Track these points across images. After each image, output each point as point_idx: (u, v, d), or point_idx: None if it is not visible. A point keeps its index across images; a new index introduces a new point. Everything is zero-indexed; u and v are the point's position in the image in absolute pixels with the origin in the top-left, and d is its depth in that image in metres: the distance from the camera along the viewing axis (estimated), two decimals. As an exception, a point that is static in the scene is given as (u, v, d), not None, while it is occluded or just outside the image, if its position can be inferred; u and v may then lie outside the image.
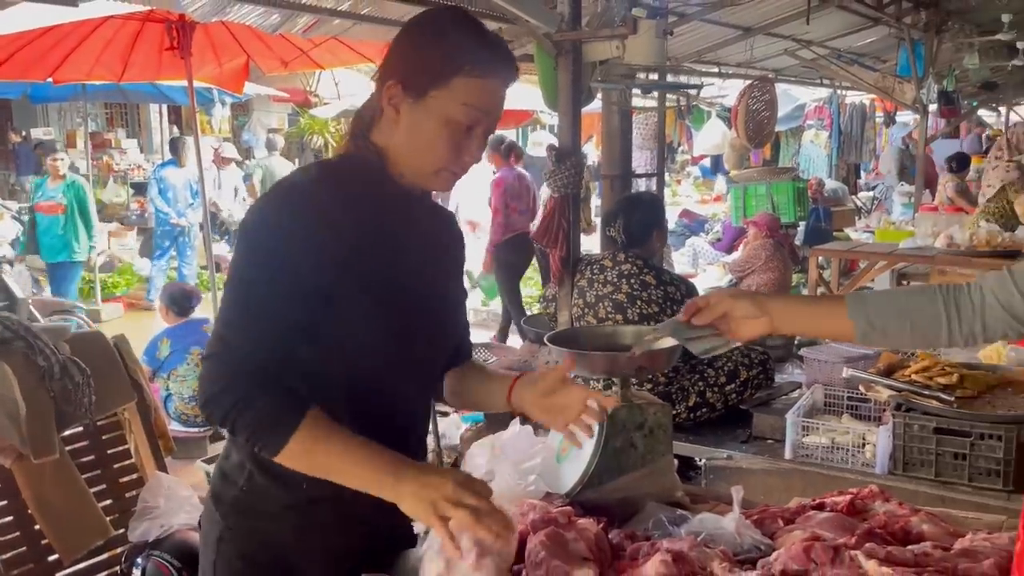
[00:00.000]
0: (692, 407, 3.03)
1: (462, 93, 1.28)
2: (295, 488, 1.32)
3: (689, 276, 8.76)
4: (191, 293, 4.98)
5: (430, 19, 1.38)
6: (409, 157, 1.33)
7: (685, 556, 1.42)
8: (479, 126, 1.31)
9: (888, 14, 7.03)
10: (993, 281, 1.31)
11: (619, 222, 3.07)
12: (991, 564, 1.33)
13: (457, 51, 1.29)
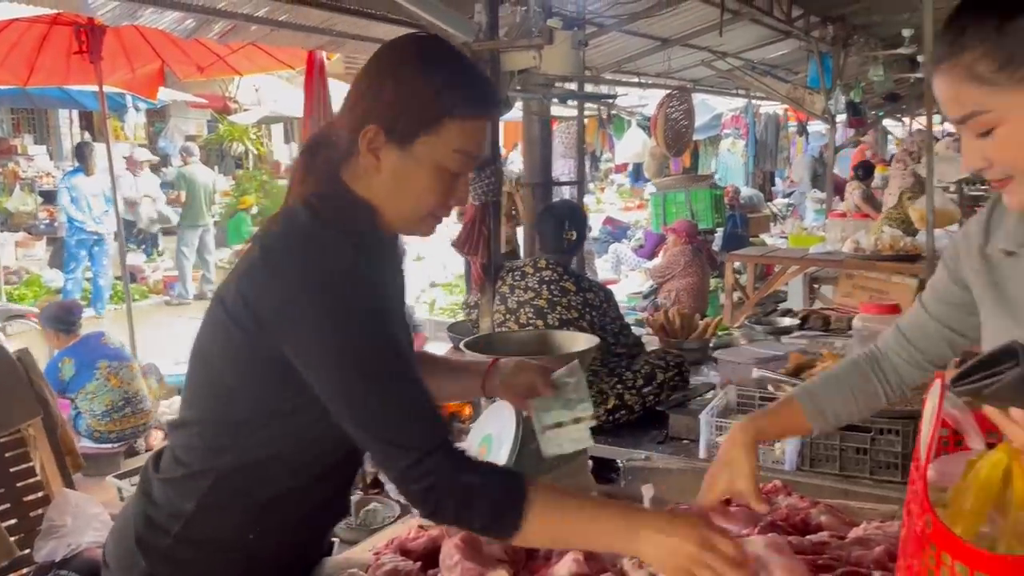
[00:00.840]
0: (611, 410, 3.09)
1: (454, 138, 1.17)
2: (234, 544, 1.27)
3: (611, 282, 8.93)
4: (71, 307, 4.77)
5: (410, 53, 1.22)
6: (393, 205, 1.22)
7: (596, 555, 1.45)
8: (469, 169, 1.23)
9: (797, 28, 7.30)
10: (892, 343, 1.43)
11: (569, 225, 3.13)
12: (881, 551, 1.40)
13: (447, 92, 1.17)
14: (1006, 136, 1.09)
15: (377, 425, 1.15)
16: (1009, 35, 1.06)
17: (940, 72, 1.11)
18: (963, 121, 1.11)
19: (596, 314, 3.07)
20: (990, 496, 1.06)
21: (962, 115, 1.11)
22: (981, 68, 1.07)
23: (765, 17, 6.58)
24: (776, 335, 4.02)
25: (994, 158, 1.11)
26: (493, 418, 1.84)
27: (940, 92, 1.13)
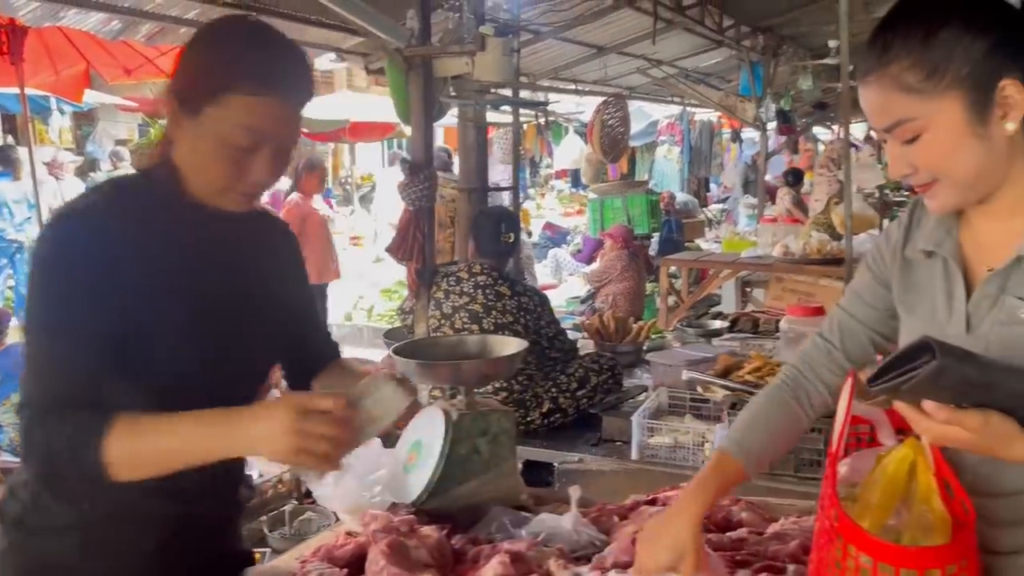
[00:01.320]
0: (546, 413, 3.11)
1: (238, 113, 1.20)
2: (76, 506, 1.28)
3: (551, 287, 8.99)
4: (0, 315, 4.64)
5: (212, 28, 1.30)
6: (193, 175, 1.26)
7: (523, 556, 1.47)
8: (263, 147, 1.23)
9: (728, 37, 7.48)
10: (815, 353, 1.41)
11: (506, 227, 3.14)
12: (796, 545, 1.45)
13: (231, 66, 1.20)
14: (931, 142, 1.13)
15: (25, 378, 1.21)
16: (934, 47, 1.10)
17: (868, 83, 1.16)
18: (890, 129, 1.15)
19: (531, 318, 3.10)
20: (896, 490, 1.11)
21: (889, 123, 1.15)
22: (908, 78, 1.12)
23: (697, 26, 6.73)
24: (707, 337, 4.11)
25: (919, 163, 1.15)
26: (422, 424, 1.85)
27: (868, 102, 1.17)
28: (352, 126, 11.71)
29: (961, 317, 1.20)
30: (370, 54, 4.82)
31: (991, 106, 1.12)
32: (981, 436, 1.05)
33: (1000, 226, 1.20)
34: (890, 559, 0.97)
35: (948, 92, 1.11)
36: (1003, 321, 1.15)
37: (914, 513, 1.05)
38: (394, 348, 1.85)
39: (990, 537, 1.22)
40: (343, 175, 16.22)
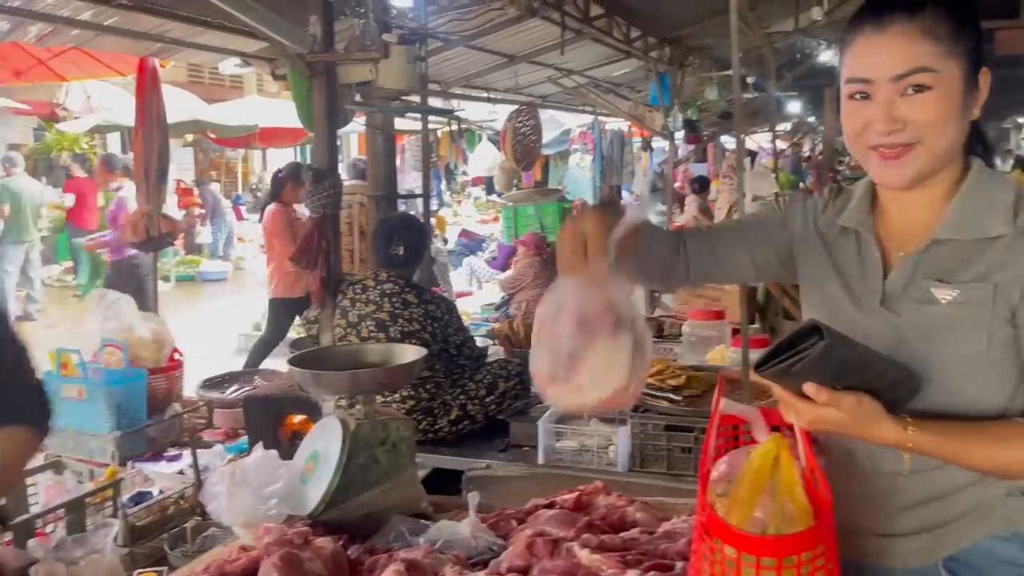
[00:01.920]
0: (454, 420, 3.12)
1: None
2: None
3: (466, 294, 9.00)
4: None
5: None
6: None
7: (419, 564, 1.48)
8: None
9: (636, 48, 7.63)
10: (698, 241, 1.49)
11: (400, 240, 3.12)
12: (685, 542, 1.50)
13: None
14: (934, 99, 1.17)
15: None
16: (957, 12, 1.18)
17: (889, 29, 1.17)
18: (905, 76, 1.17)
19: (438, 326, 3.09)
20: (761, 483, 1.15)
21: (909, 68, 1.16)
22: (940, 29, 1.16)
23: (605, 37, 6.84)
24: (614, 342, 4.18)
25: (916, 119, 1.18)
26: (320, 435, 1.83)
27: (886, 46, 1.18)
28: (262, 131, 11.50)
29: (877, 294, 1.27)
30: (276, 59, 4.73)
31: (975, 89, 1.20)
32: (853, 417, 1.12)
33: (914, 216, 1.27)
34: (751, 549, 1.02)
35: (959, 57, 1.17)
36: (919, 300, 1.22)
37: (777, 504, 1.10)
38: (290, 358, 1.83)
39: (890, 521, 1.29)
40: (254, 181, 15.87)
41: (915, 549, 1.28)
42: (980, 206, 1.22)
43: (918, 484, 1.27)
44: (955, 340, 1.19)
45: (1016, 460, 1.16)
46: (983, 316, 1.18)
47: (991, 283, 1.18)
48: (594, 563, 1.42)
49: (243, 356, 7.19)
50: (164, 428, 3.41)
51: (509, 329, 4.16)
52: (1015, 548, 1.23)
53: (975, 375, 1.20)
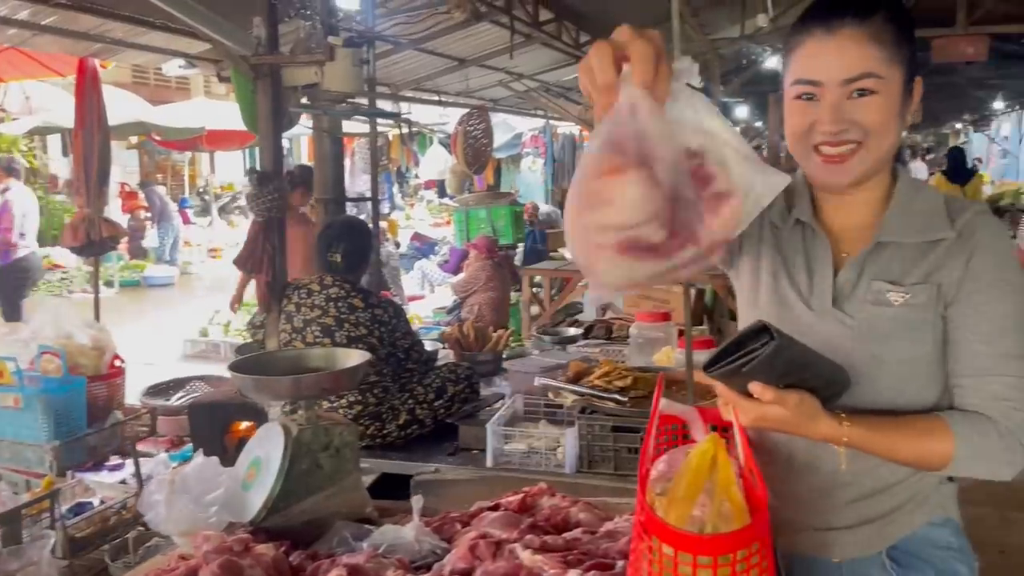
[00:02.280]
0: (403, 425, 3.11)
1: None
2: None
3: (418, 298, 8.98)
4: None
5: None
6: None
7: (361, 568, 1.47)
8: None
9: (584, 53, 7.69)
10: None
11: (339, 247, 3.10)
12: (626, 540, 1.51)
13: None
14: (880, 103, 1.21)
15: None
16: (900, 18, 1.21)
17: (839, 32, 1.20)
18: (855, 80, 1.20)
19: (385, 330, 3.08)
20: (699, 482, 1.18)
21: (858, 73, 1.20)
22: (886, 35, 1.20)
23: (555, 41, 6.89)
24: (563, 344, 4.21)
25: (862, 121, 1.22)
26: (262, 441, 1.81)
27: (836, 48, 1.20)
28: (209, 134, 11.31)
29: (828, 293, 1.31)
30: (221, 61, 4.67)
31: (911, 97, 1.25)
32: (795, 414, 1.16)
33: (854, 218, 1.32)
34: (688, 548, 1.04)
35: (900, 65, 1.22)
36: (872, 302, 1.27)
37: (715, 503, 1.12)
38: (231, 363, 1.81)
39: (833, 516, 1.34)
40: (201, 184, 15.60)
41: (858, 541, 1.32)
42: (920, 210, 1.27)
43: (859, 479, 1.31)
44: (907, 340, 1.24)
45: (938, 452, 1.21)
46: (929, 317, 1.24)
47: (934, 284, 1.24)
48: (536, 564, 1.43)
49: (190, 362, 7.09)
50: (105, 437, 3.33)
51: (459, 333, 4.16)
52: (948, 532, 1.30)
53: (919, 373, 1.26)
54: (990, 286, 1.22)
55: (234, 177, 17.02)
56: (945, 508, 1.33)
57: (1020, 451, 1.19)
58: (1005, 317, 1.22)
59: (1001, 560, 3.87)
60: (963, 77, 12.20)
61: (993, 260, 1.23)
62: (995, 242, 1.24)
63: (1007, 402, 1.20)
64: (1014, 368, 1.21)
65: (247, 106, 3.14)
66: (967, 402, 1.22)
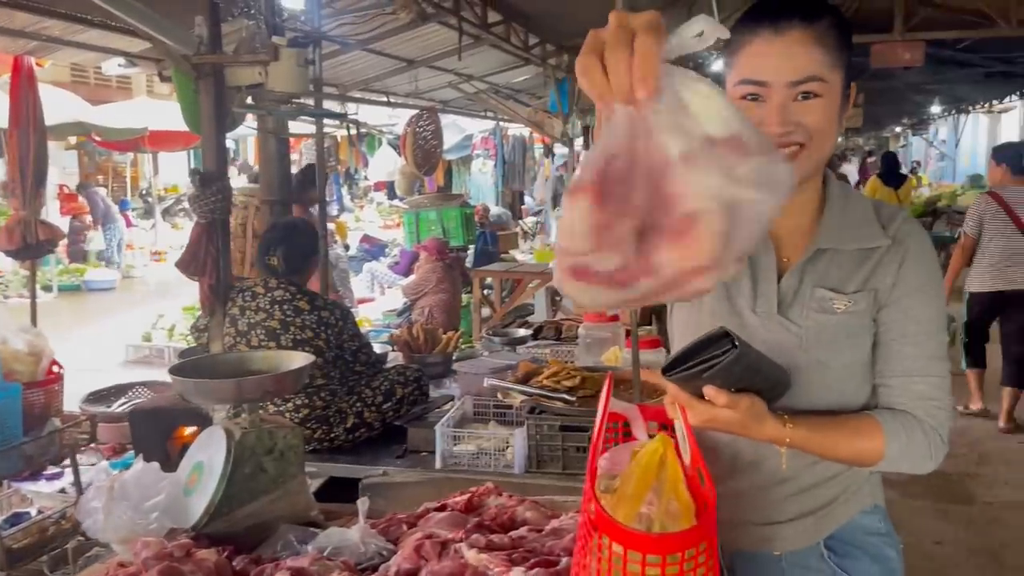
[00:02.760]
0: (350, 428, 3.08)
1: None
2: None
3: (368, 300, 8.91)
4: None
5: None
6: None
7: (306, 572, 1.46)
8: None
9: (534, 55, 7.73)
10: None
11: (278, 249, 3.06)
12: (571, 537, 1.53)
13: None
14: (823, 106, 1.23)
15: None
16: (841, 25, 1.24)
17: (787, 34, 1.21)
18: (801, 83, 1.21)
19: (332, 332, 3.05)
20: (648, 481, 1.20)
21: (804, 76, 1.21)
22: (831, 40, 1.22)
23: (504, 43, 6.91)
24: (512, 346, 4.22)
25: (807, 123, 1.23)
26: (204, 445, 1.78)
27: (782, 50, 1.21)
28: (152, 135, 11.09)
29: (772, 300, 1.33)
30: (163, 60, 4.59)
31: (848, 100, 1.27)
32: (745, 417, 1.18)
33: (791, 222, 1.34)
34: (637, 546, 1.05)
35: (841, 70, 1.24)
36: (816, 309, 1.30)
37: (663, 502, 1.14)
38: (172, 367, 1.78)
39: (775, 510, 1.37)
40: (144, 186, 15.27)
41: (797, 534, 1.36)
42: (854, 217, 1.30)
43: (798, 475, 1.35)
44: (850, 346, 1.28)
45: (871, 450, 1.25)
46: (867, 322, 1.28)
47: (871, 291, 1.28)
48: (481, 562, 1.43)
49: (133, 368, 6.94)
50: (42, 445, 3.25)
51: (409, 335, 4.14)
52: (877, 519, 1.35)
53: (856, 375, 1.30)
54: (918, 291, 1.28)
55: (178, 179, 16.69)
56: (874, 496, 1.39)
57: (941, 447, 1.26)
58: (930, 321, 1.28)
59: (938, 550, 3.99)
60: (902, 82, 12.58)
61: (921, 267, 1.28)
62: (923, 249, 1.30)
63: (931, 401, 1.26)
64: (937, 369, 1.27)
65: (189, 106, 3.09)
66: (894, 401, 1.27)
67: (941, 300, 1.30)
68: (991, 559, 3.89)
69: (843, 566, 1.34)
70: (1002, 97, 15.67)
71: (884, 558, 1.35)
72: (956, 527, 4.18)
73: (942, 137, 23.38)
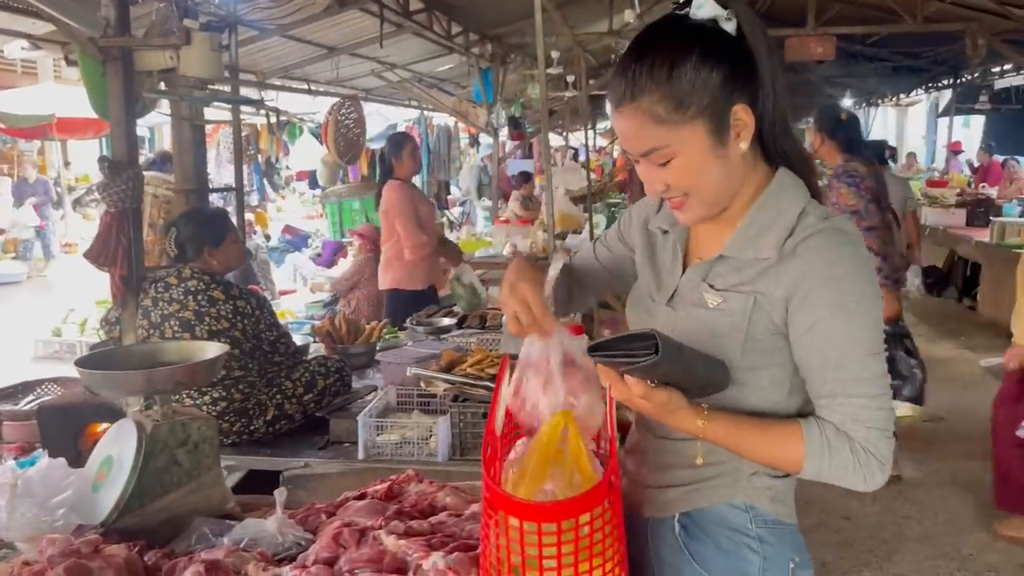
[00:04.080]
0: (270, 420, 3.03)
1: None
2: None
3: (290, 292, 8.75)
4: None
5: None
6: None
7: (220, 564, 1.44)
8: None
9: (458, 44, 7.70)
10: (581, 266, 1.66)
11: (171, 235, 2.97)
12: (489, 522, 1.54)
13: None
14: (681, 165, 1.26)
15: None
16: (679, 81, 1.22)
17: (622, 112, 1.26)
18: (645, 155, 1.27)
19: (249, 322, 2.99)
20: (549, 456, 1.21)
21: (645, 150, 1.26)
22: (659, 110, 1.23)
23: (426, 32, 6.86)
24: (436, 335, 4.21)
25: (672, 183, 1.28)
26: (113, 439, 1.74)
27: (622, 130, 1.27)
28: (60, 122, 10.63)
29: (669, 292, 1.39)
30: (69, 42, 4.40)
31: (728, 129, 1.26)
32: (662, 407, 1.22)
33: (715, 226, 1.37)
34: (531, 516, 1.07)
35: (693, 121, 1.23)
36: (694, 303, 1.33)
37: (566, 475, 1.16)
38: (78, 359, 1.72)
39: (649, 475, 1.40)
40: (52, 175, 14.64)
41: (660, 502, 1.39)
42: (762, 227, 1.31)
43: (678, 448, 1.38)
44: (716, 343, 1.28)
45: (789, 460, 1.26)
46: (741, 324, 1.28)
47: (751, 295, 1.28)
48: (400, 549, 1.44)
49: (42, 364, 6.66)
50: (-59, 445, 3.10)
51: (331, 326, 4.09)
52: (747, 519, 1.34)
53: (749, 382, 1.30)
54: (831, 313, 1.23)
55: (90, 168, 16.05)
56: (751, 497, 1.35)
57: (877, 466, 1.23)
58: (851, 341, 1.23)
59: (847, 524, 4.17)
60: (815, 75, 13.01)
61: (832, 287, 1.23)
62: (828, 267, 1.24)
63: (861, 423, 1.23)
64: (866, 390, 1.23)
65: (96, 91, 2.97)
66: (826, 417, 1.26)
67: (867, 319, 1.24)
68: (894, 532, 4.08)
69: (688, 546, 1.35)
70: (909, 91, 16.35)
71: (736, 556, 1.33)
72: (863, 503, 4.37)
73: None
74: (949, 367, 6.85)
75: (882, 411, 1.23)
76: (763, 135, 1.32)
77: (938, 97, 16.16)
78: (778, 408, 1.32)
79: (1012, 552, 3.86)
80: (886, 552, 3.87)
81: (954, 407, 5.78)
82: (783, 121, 1.34)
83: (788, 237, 1.28)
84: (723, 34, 1.25)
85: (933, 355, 6.36)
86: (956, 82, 12.90)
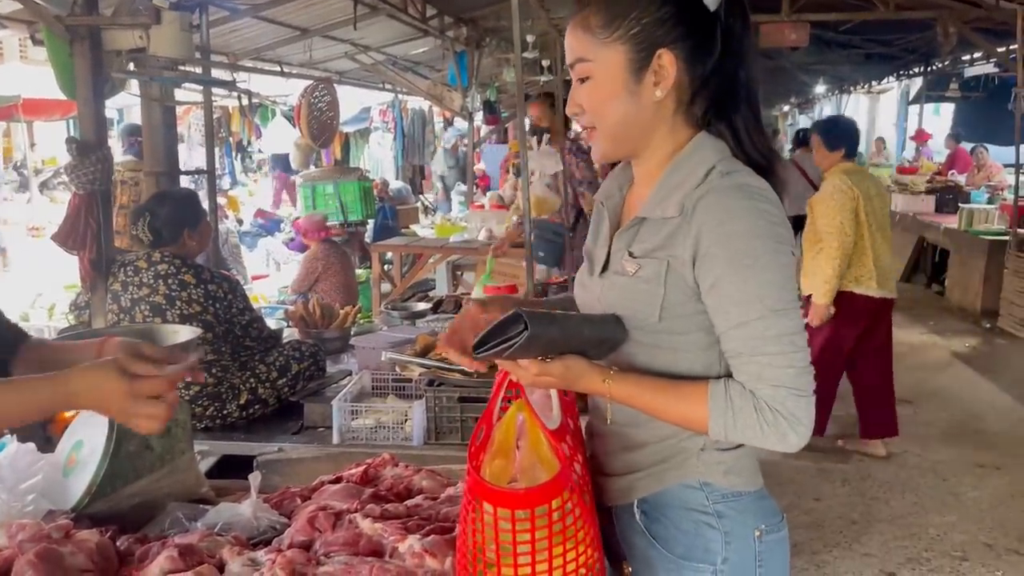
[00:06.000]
0: (244, 405, 3.01)
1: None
2: None
3: (262, 277, 8.67)
4: None
5: None
6: None
7: (194, 548, 1.42)
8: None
9: (432, 27, 7.64)
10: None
11: (144, 220, 2.92)
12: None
13: None
14: (595, 86, 1.28)
15: None
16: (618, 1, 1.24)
17: (569, 26, 1.29)
18: (572, 65, 1.29)
19: (221, 306, 2.96)
20: (511, 444, 1.23)
21: (572, 59, 1.29)
22: (592, 21, 1.26)
23: (401, 14, 6.79)
24: (411, 320, 4.20)
25: (583, 104, 1.30)
26: (85, 423, 1.71)
27: (567, 39, 1.30)
28: (26, 103, 10.39)
29: (601, 263, 1.39)
30: (35, 21, 4.31)
31: (647, 69, 1.26)
32: (563, 378, 1.23)
33: (639, 191, 1.38)
34: (504, 503, 1.07)
35: (615, 44, 1.25)
36: (617, 271, 1.33)
37: (527, 462, 1.17)
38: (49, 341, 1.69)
39: (607, 463, 1.41)
40: (18, 158, 14.36)
41: (619, 489, 1.40)
42: (671, 186, 1.29)
43: (625, 432, 1.38)
44: (635, 310, 1.28)
45: (695, 418, 1.24)
46: (657, 290, 1.26)
47: (664, 260, 1.26)
48: (376, 532, 1.43)
49: (9, 349, 6.52)
50: (-94, 431, 3.04)
51: (304, 310, 4.06)
52: (702, 496, 1.33)
53: (657, 342, 1.29)
54: (729, 270, 1.20)
55: (57, 151, 15.77)
56: (703, 474, 1.33)
57: (787, 426, 1.19)
58: (751, 298, 1.20)
59: (817, 505, 4.23)
60: (789, 62, 13.07)
61: (728, 244, 1.20)
62: (722, 223, 1.21)
63: (765, 380, 1.20)
64: (771, 348, 1.20)
65: (63, 71, 2.91)
66: (736, 377, 1.24)
67: (766, 275, 1.20)
68: (863, 512, 4.15)
69: (650, 529, 1.35)
70: (880, 78, 16.49)
71: (696, 534, 1.32)
72: (833, 484, 4.44)
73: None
74: (918, 352, 6.96)
75: (791, 369, 1.19)
76: (696, 98, 1.30)
77: (909, 85, 16.31)
78: (711, 371, 1.29)
79: (978, 532, 3.95)
80: (855, 533, 3.94)
81: (922, 391, 5.88)
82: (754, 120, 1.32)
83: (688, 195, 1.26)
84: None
85: (902, 340, 6.45)
86: (927, 70, 13.03)
